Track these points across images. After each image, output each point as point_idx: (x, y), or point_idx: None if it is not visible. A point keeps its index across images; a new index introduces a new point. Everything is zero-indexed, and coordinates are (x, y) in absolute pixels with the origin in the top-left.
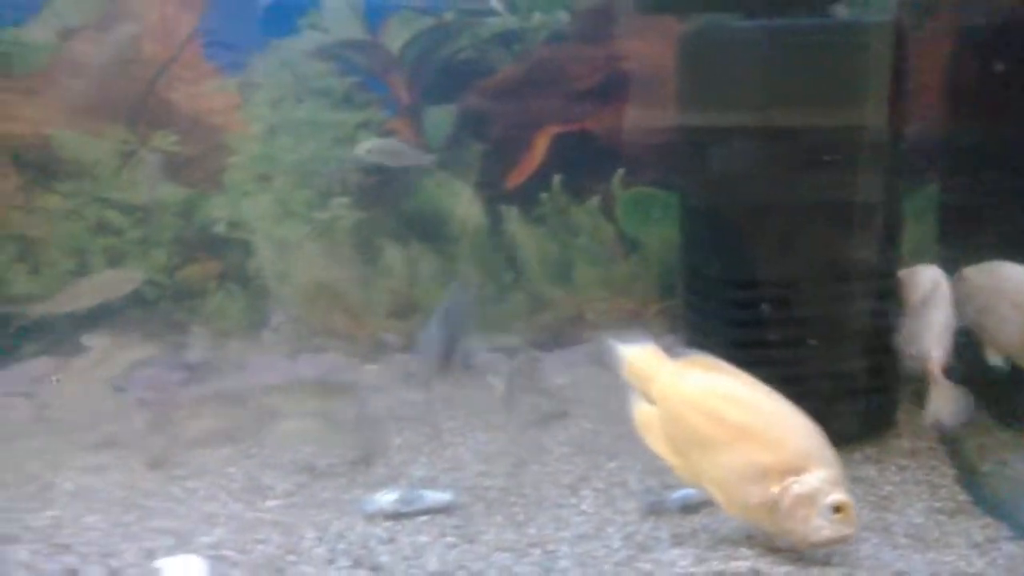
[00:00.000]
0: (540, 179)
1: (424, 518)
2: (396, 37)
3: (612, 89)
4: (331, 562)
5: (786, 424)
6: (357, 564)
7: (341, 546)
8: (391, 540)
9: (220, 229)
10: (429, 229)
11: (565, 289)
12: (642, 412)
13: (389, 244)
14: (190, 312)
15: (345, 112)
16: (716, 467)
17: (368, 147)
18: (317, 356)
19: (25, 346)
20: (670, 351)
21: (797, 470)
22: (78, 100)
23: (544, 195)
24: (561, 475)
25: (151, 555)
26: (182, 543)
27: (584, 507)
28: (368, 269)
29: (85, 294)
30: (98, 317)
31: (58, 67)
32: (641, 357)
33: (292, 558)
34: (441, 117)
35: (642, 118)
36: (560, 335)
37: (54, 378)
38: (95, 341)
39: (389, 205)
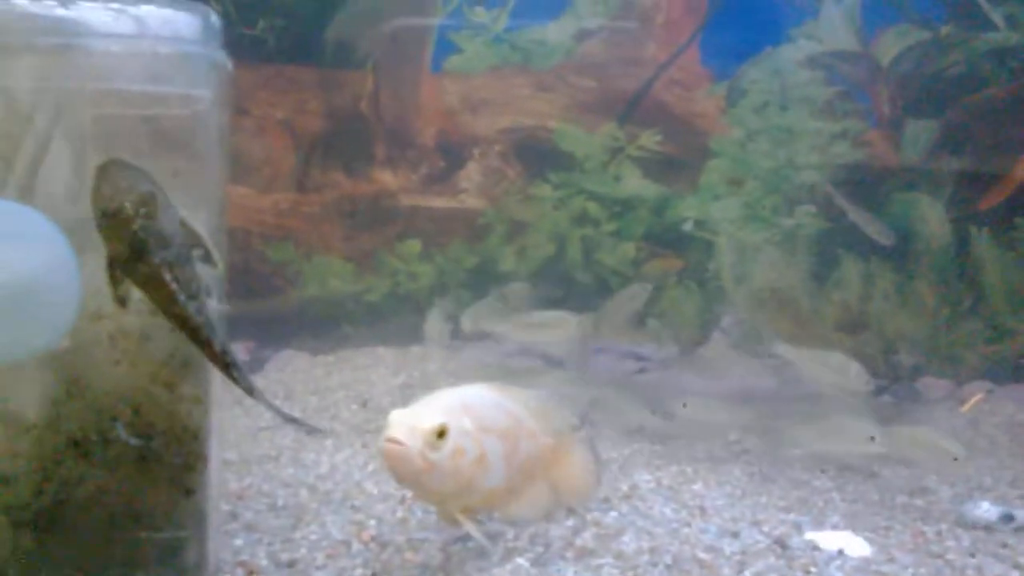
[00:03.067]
0: (1017, 202)
1: (1013, 534)
2: (888, 49)
3: None
4: (972, 555)
5: None
6: (999, 560)
7: (965, 543)
8: (1006, 546)
9: (687, 228)
10: (892, 245)
11: None
12: None
13: (848, 256)
14: (648, 305)
15: (824, 121)
16: None
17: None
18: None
19: None
20: None
21: None
22: (582, 97)
23: (1020, 219)
24: None
25: (798, 528)
26: (817, 521)
27: None
28: (823, 280)
29: None
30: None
31: (569, 66)
32: None
33: (935, 547)
34: (922, 131)
35: None
36: (1019, 368)
37: None
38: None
39: (855, 218)
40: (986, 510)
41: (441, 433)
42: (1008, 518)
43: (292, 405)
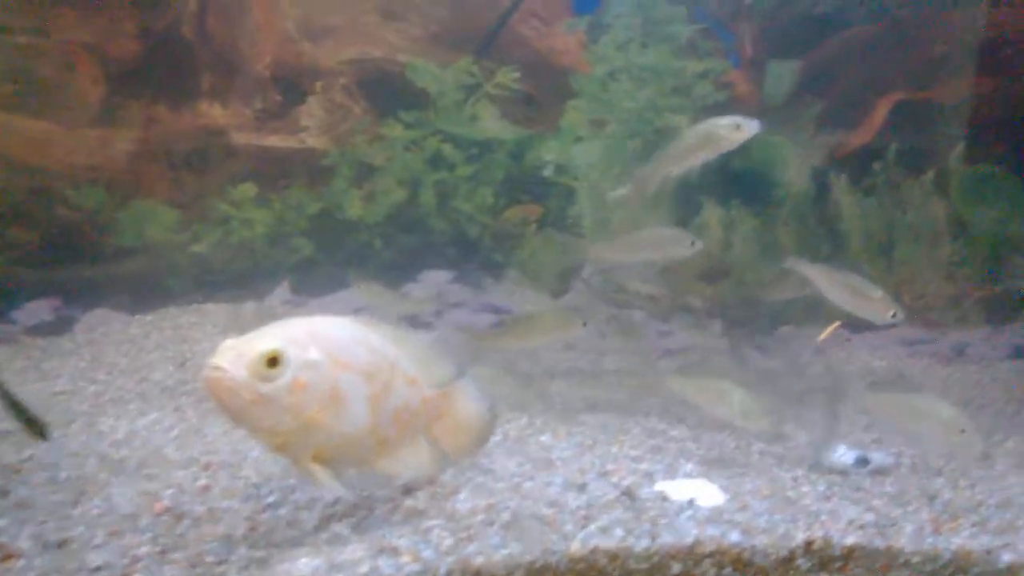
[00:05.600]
0: (875, 148)
1: (868, 477)
2: None
3: (969, 59)
4: (827, 499)
5: None
6: (854, 503)
7: (820, 488)
8: (860, 489)
9: (548, 172)
10: (752, 191)
11: (885, 267)
12: None
13: (709, 203)
14: (507, 254)
15: (687, 60)
16: None
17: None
18: (621, 312)
19: None
20: None
21: None
22: (435, 28)
23: (877, 165)
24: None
25: (649, 478)
26: (669, 470)
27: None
28: (685, 227)
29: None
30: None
31: None
32: None
33: (790, 493)
34: (783, 73)
35: (999, 92)
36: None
37: None
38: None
39: (716, 162)
40: (842, 454)
41: (273, 361)
42: (863, 462)
43: (97, 368)
